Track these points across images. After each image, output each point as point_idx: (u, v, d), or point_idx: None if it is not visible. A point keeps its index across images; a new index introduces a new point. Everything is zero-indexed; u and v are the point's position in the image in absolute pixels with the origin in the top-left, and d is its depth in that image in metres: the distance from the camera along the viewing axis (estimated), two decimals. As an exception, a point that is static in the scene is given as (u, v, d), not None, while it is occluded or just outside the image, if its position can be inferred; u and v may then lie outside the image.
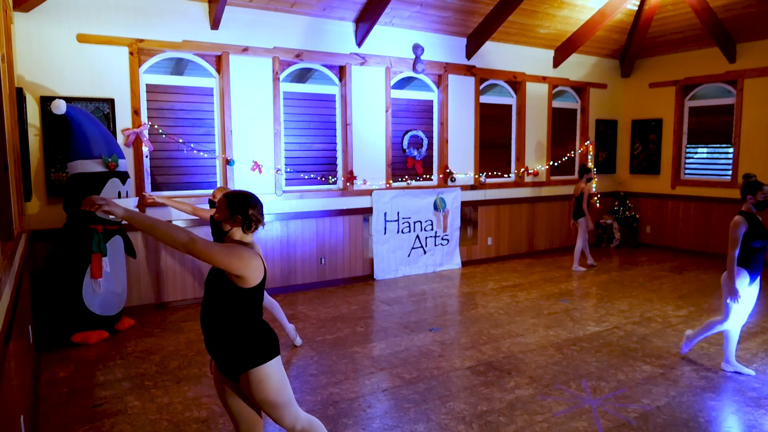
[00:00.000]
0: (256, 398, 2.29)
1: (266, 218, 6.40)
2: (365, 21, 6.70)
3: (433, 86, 7.83)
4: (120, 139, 5.53)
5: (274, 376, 2.30)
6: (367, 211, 7.20)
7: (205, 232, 5.69)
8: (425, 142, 7.73)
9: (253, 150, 6.34)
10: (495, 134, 8.49)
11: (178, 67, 6.05)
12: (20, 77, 5.04)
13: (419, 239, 7.66)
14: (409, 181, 7.60)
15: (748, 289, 4.01)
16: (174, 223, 4.25)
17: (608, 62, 9.63)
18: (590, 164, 9.43)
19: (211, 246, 2.14)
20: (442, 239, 7.86)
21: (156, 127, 5.81)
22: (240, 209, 2.27)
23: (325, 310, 5.92)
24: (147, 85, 5.79)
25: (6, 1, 4.20)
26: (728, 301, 3.99)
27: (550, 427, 3.35)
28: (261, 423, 2.48)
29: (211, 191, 6.16)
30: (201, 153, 6.10)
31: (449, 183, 7.91)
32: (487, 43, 7.84)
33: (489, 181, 8.35)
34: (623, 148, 10.00)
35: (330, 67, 6.91)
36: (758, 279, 4.04)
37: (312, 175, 6.82)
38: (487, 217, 8.38)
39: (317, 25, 6.64)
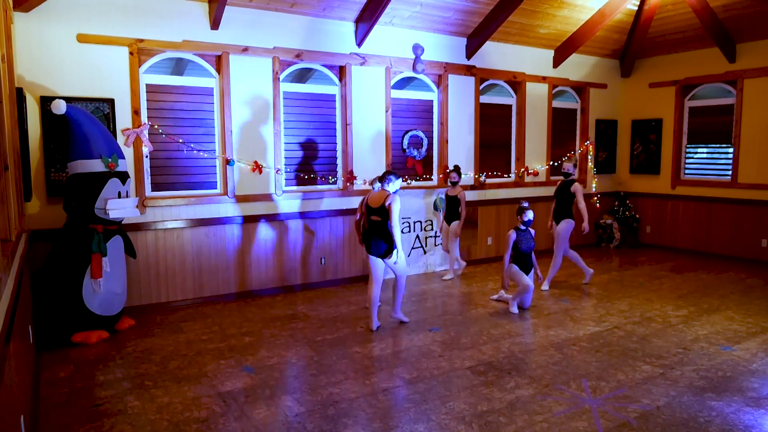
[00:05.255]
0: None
1: (266, 218, 6.43)
2: (365, 21, 6.69)
3: (433, 86, 7.82)
4: (120, 139, 5.53)
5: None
6: (367, 211, 7.19)
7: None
8: (425, 142, 7.73)
9: (253, 150, 6.34)
10: (495, 134, 8.48)
11: (178, 67, 6.05)
12: (20, 77, 5.04)
13: (419, 239, 7.66)
14: (409, 181, 7.60)
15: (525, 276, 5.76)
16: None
17: (608, 62, 9.63)
18: (590, 164, 9.46)
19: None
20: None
21: (156, 127, 5.81)
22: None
23: (325, 310, 5.92)
24: (147, 85, 5.79)
25: (6, 1, 4.20)
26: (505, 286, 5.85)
27: (550, 427, 3.35)
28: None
29: (210, 191, 6.18)
30: (201, 153, 6.10)
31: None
32: (487, 43, 7.84)
33: (489, 181, 8.36)
34: (623, 148, 10.00)
35: (330, 67, 6.91)
36: (531, 272, 5.86)
37: (312, 175, 6.82)
38: (487, 217, 8.38)
39: (317, 25, 6.64)
